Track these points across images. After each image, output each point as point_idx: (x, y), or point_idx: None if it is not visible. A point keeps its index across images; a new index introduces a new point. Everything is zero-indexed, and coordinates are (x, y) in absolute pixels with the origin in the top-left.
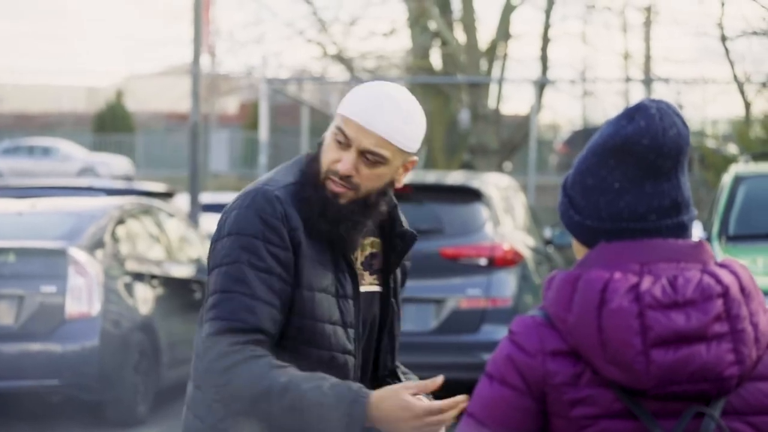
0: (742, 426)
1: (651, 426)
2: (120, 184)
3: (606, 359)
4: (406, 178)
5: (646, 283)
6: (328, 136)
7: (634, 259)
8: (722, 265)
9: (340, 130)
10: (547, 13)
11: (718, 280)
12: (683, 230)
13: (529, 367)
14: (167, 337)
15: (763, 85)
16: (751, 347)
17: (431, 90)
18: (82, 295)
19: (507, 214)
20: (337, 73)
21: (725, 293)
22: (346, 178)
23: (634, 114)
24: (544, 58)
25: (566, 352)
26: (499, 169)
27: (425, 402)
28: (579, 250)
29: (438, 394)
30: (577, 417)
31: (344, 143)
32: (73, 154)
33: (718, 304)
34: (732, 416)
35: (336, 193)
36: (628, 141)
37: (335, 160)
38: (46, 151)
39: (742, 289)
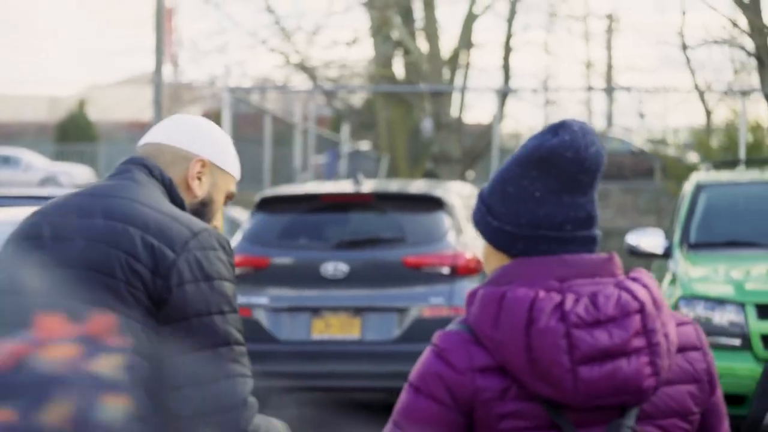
0: (653, 429)
1: None
2: None
3: (534, 376)
4: (370, 187)
5: (570, 301)
6: (219, 197)
7: (553, 275)
8: (634, 279)
9: (233, 194)
10: (510, 22)
11: (635, 296)
12: (594, 243)
13: (458, 384)
14: None
15: (724, 93)
16: (665, 358)
17: (394, 99)
18: None
19: (469, 223)
20: (300, 82)
21: (642, 309)
22: None
23: (558, 129)
24: (506, 67)
25: (494, 368)
26: (462, 177)
27: None
28: (491, 257)
29: None
30: (504, 430)
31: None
32: (34, 163)
33: (636, 320)
34: (645, 421)
35: None
36: (553, 153)
37: (217, 218)
38: (6, 161)
39: (654, 302)
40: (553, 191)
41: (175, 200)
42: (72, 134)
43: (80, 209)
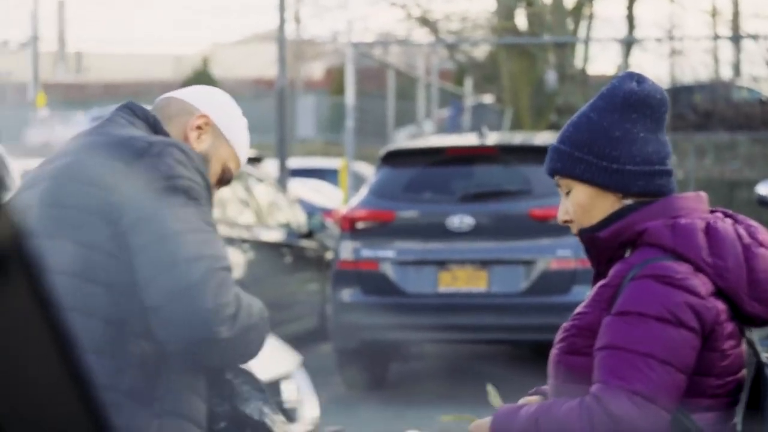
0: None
1: (756, 348)
2: None
3: (751, 296)
4: (495, 140)
5: (740, 230)
6: (215, 163)
7: (700, 209)
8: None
9: (230, 172)
10: None
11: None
12: None
13: (705, 310)
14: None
15: None
16: None
17: (517, 51)
18: None
19: None
20: (422, 35)
21: None
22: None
23: (636, 77)
24: (630, 17)
25: (716, 292)
26: None
27: None
28: (598, 203)
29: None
30: (725, 348)
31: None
32: None
33: None
34: None
35: None
36: (648, 96)
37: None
38: None
39: None
40: (650, 130)
41: (159, 134)
42: None
43: (61, 153)
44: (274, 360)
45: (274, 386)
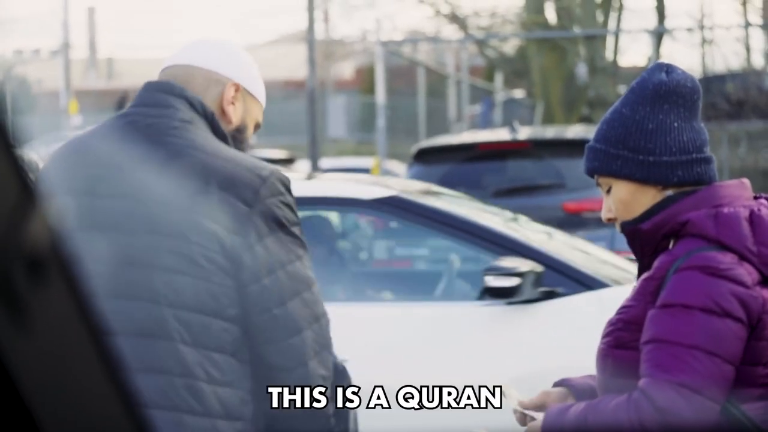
0: None
1: None
2: None
3: None
4: (527, 135)
5: None
6: (250, 125)
7: (743, 197)
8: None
9: (259, 125)
10: None
11: None
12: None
13: (752, 299)
14: None
15: None
16: None
17: (547, 45)
18: None
19: None
20: (452, 32)
21: None
22: None
23: (665, 68)
24: (660, 7)
25: (763, 281)
26: None
27: None
28: (639, 197)
29: None
30: None
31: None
32: None
33: None
34: None
35: None
36: (679, 85)
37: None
38: None
39: None
40: (684, 119)
41: (218, 134)
42: None
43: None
44: None
45: None
